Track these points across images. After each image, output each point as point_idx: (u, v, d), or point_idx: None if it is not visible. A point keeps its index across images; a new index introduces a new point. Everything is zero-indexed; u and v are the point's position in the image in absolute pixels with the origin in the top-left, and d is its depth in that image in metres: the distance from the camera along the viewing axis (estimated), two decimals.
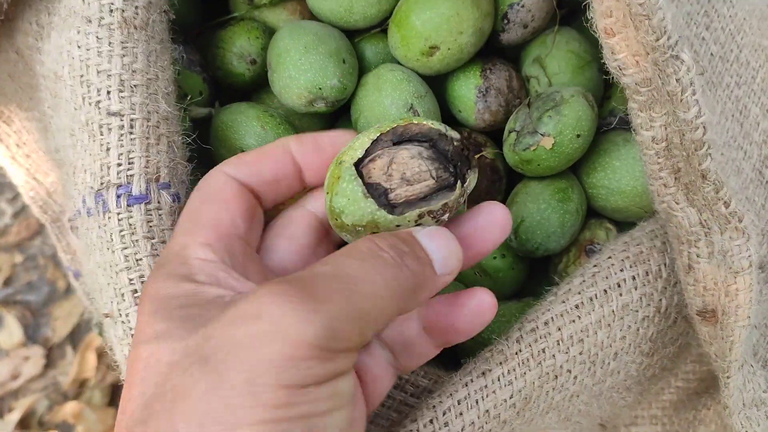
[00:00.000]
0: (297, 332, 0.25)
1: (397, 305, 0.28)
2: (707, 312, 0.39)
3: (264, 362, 0.25)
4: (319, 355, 0.25)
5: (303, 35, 0.45)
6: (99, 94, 0.38)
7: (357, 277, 0.27)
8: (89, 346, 1.07)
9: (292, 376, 0.25)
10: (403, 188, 0.31)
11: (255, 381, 0.24)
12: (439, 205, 0.31)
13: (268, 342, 0.25)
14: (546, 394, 0.38)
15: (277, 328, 0.25)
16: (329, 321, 0.25)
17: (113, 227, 0.36)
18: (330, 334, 0.25)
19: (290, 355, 0.25)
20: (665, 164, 0.37)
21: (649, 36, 0.33)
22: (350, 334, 0.26)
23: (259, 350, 0.25)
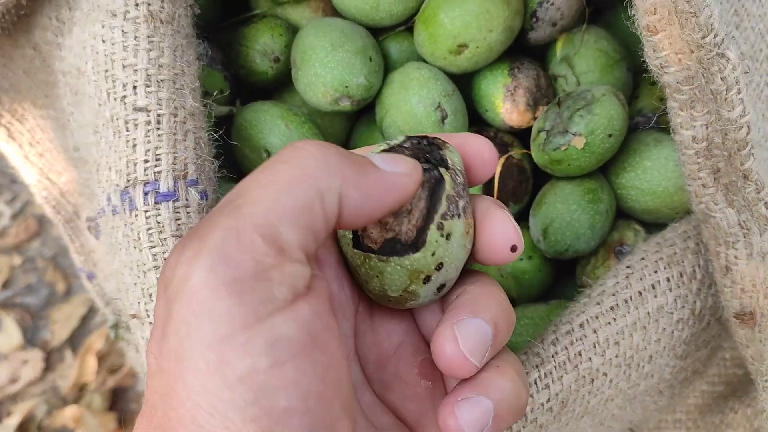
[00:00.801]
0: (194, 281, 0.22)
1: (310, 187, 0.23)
2: (745, 314, 0.38)
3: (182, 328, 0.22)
4: (227, 292, 0.22)
5: (329, 32, 0.44)
6: (125, 89, 0.37)
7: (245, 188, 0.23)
8: (89, 349, 1.06)
9: (213, 329, 0.21)
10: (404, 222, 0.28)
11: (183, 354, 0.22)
12: (444, 206, 0.28)
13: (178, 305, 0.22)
14: (582, 398, 0.37)
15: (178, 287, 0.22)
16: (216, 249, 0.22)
17: (141, 225, 0.35)
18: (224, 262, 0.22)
19: (199, 307, 0.21)
20: (705, 164, 0.37)
21: (696, 33, 0.32)
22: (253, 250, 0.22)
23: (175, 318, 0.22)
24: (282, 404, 0.22)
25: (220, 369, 0.21)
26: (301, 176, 0.24)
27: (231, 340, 0.21)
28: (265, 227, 0.22)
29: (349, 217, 0.25)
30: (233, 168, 0.44)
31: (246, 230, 0.22)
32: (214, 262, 0.22)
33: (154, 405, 0.23)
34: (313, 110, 0.48)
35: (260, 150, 0.44)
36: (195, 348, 0.21)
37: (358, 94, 0.44)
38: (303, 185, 0.23)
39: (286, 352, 0.22)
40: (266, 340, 0.22)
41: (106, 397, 1.04)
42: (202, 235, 0.22)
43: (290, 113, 0.45)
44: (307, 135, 0.45)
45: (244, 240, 0.22)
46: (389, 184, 0.26)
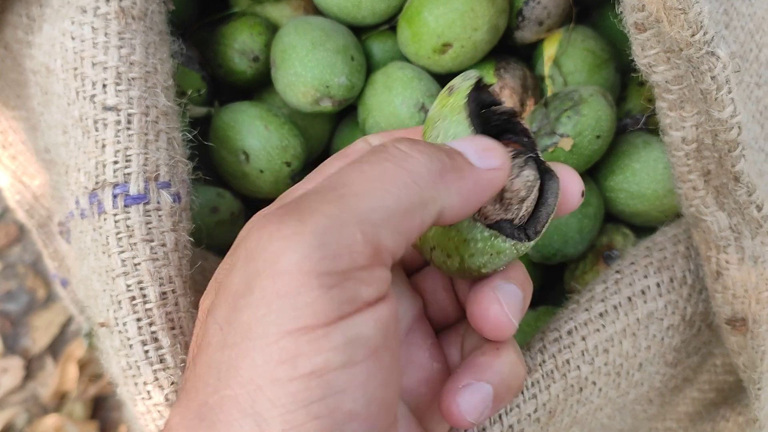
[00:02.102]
0: (286, 261, 0.21)
1: (415, 194, 0.23)
2: (737, 320, 0.37)
3: (261, 307, 0.21)
4: (318, 283, 0.21)
5: (309, 31, 0.43)
6: (94, 88, 0.35)
7: (349, 179, 0.23)
8: (70, 357, 1.05)
9: (294, 317, 0.21)
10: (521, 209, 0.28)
11: (255, 332, 0.21)
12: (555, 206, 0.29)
13: (261, 282, 0.21)
14: (570, 408, 0.36)
15: (265, 264, 0.21)
16: (317, 235, 0.21)
17: (109, 229, 0.33)
18: (322, 251, 0.21)
19: (284, 290, 0.21)
20: (695, 166, 0.36)
21: (685, 31, 0.31)
22: (351, 246, 0.21)
23: (254, 294, 0.21)
24: (348, 406, 0.21)
25: (293, 359, 0.20)
26: (410, 182, 0.23)
27: (310, 332, 0.21)
28: (368, 226, 0.22)
29: (448, 220, 0.25)
30: (209, 170, 0.43)
31: (349, 224, 0.22)
32: (313, 249, 0.21)
33: (205, 380, 0.22)
34: (293, 111, 0.46)
35: (238, 152, 0.43)
36: (271, 331, 0.21)
37: (340, 95, 0.43)
38: (410, 192, 0.23)
39: (361, 353, 0.21)
40: (344, 337, 0.21)
41: (87, 405, 1.03)
42: (302, 215, 0.22)
43: (270, 114, 0.44)
44: (287, 136, 0.43)
45: (346, 234, 0.21)
46: (486, 182, 0.26)
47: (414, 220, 0.23)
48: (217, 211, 0.44)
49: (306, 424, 0.21)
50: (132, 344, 0.32)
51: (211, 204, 0.43)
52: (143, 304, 0.32)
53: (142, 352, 0.32)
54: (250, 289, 0.21)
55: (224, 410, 0.21)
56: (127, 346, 0.32)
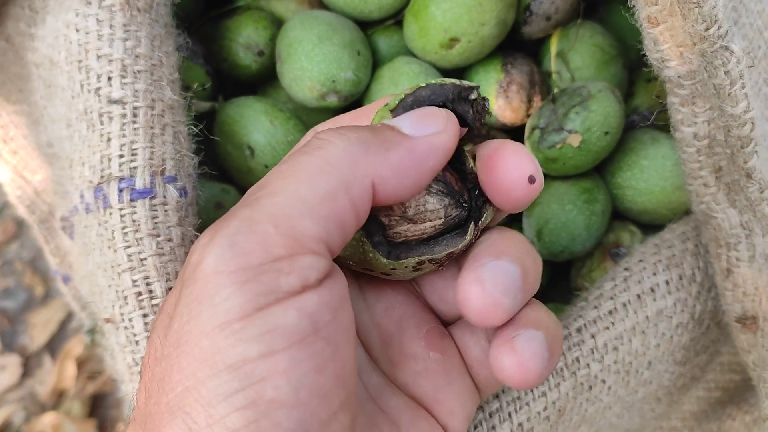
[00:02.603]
0: (202, 267, 0.22)
1: (334, 177, 0.23)
2: (747, 319, 0.37)
3: (186, 314, 0.22)
4: (230, 280, 0.21)
5: (316, 25, 0.42)
6: (99, 81, 0.35)
7: (267, 180, 0.23)
8: (68, 354, 1.05)
9: (211, 316, 0.21)
10: (404, 227, 0.27)
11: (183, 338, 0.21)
12: (443, 254, 0.27)
13: (187, 291, 0.22)
14: (580, 406, 0.36)
15: (190, 274, 0.22)
16: (227, 237, 0.22)
17: (115, 224, 0.33)
18: (232, 251, 0.21)
19: (201, 293, 0.21)
20: (706, 162, 0.35)
21: (699, 25, 0.31)
22: (264, 241, 0.22)
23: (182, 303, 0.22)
24: (269, 394, 0.21)
25: (211, 356, 0.21)
26: (324, 167, 0.23)
27: (226, 327, 0.21)
28: (281, 218, 0.22)
29: (392, 196, 0.24)
30: (215, 165, 0.42)
31: (260, 220, 0.22)
32: (224, 249, 0.22)
33: (150, 393, 0.23)
34: (298, 106, 0.46)
35: (243, 147, 0.43)
36: (194, 334, 0.21)
37: (346, 90, 0.43)
38: (325, 176, 0.23)
39: (282, 342, 0.21)
40: (261, 328, 0.21)
41: (85, 403, 1.02)
42: (219, 224, 0.23)
43: (275, 109, 0.43)
44: (292, 131, 0.43)
45: (256, 230, 0.22)
46: (424, 148, 0.24)
47: (338, 201, 0.23)
48: (222, 206, 0.43)
49: (229, 416, 0.21)
50: (138, 340, 0.31)
51: (215, 199, 0.43)
52: (150, 300, 0.32)
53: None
54: (178, 300, 0.22)
55: (159, 415, 0.22)
56: (134, 342, 0.31)
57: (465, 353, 0.29)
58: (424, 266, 0.27)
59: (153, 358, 0.23)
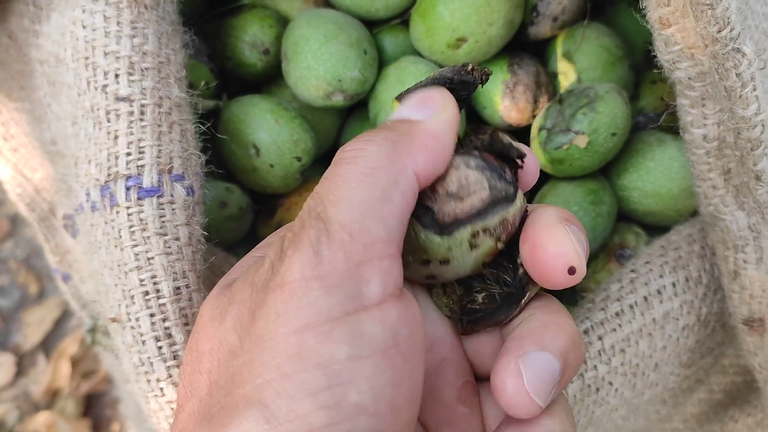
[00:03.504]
0: (290, 276, 0.22)
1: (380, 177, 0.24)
2: (754, 321, 0.37)
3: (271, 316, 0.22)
4: (317, 285, 0.22)
5: (322, 23, 0.42)
6: (106, 78, 0.34)
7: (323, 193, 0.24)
8: (63, 353, 1.04)
9: (298, 317, 0.22)
10: (450, 205, 0.27)
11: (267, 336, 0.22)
12: (495, 221, 0.27)
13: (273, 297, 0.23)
14: (587, 408, 0.36)
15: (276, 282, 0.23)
16: (310, 246, 0.23)
17: (122, 222, 0.32)
18: (316, 258, 0.22)
19: (290, 298, 0.22)
20: (715, 164, 0.35)
21: (711, 27, 0.31)
22: (343, 246, 0.23)
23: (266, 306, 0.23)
24: (354, 398, 0.21)
25: (299, 353, 0.21)
26: (368, 171, 0.24)
27: (315, 327, 0.22)
28: (351, 224, 0.23)
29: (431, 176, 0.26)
30: (220, 164, 0.42)
31: (335, 229, 0.23)
32: (308, 258, 0.22)
33: (219, 386, 0.23)
34: (303, 105, 0.46)
35: (248, 146, 0.42)
36: (280, 332, 0.22)
37: (352, 89, 0.42)
38: (374, 178, 0.24)
39: (368, 348, 0.22)
40: (350, 331, 0.22)
41: (79, 402, 1.02)
42: (297, 236, 0.23)
43: (280, 108, 0.43)
44: (297, 131, 0.42)
45: (334, 238, 0.23)
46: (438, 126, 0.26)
47: (393, 199, 0.24)
48: (226, 206, 0.43)
49: (313, 413, 0.21)
50: (145, 340, 0.31)
51: (219, 199, 0.42)
52: (157, 299, 0.31)
53: (156, 348, 0.31)
54: (264, 301, 0.23)
55: (232, 406, 0.22)
56: (140, 342, 0.31)
57: (484, 414, 0.29)
58: (480, 242, 0.27)
59: (228, 351, 0.23)
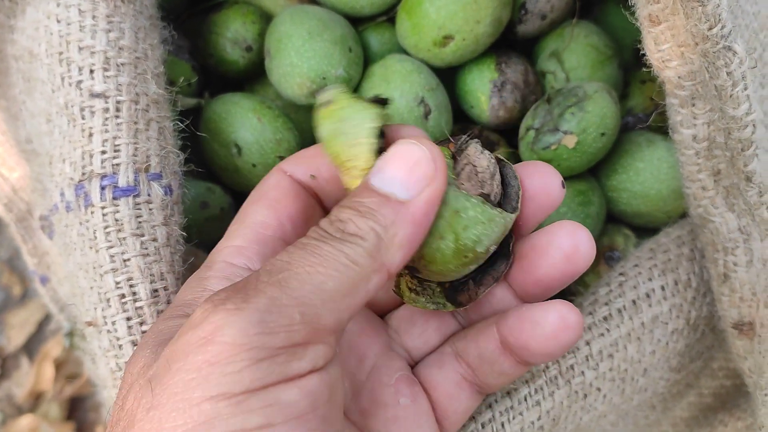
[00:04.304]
0: (222, 333, 0.22)
1: (356, 274, 0.24)
2: (744, 324, 0.36)
3: (191, 372, 0.22)
4: (248, 356, 0.22)
5: (306, 20, 0.41)
6: (81, 74, 0.33)
7: (293, 262, 0.24)
8: (46, 356, 1.03)
9: (218, 383, 0.22)
10: (494, 185, 0.28)
11: (182, 395, 0.22)
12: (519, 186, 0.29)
13: (196, 350, 0.22)
14: (574, 415, 0.35)
15: (204, 334, 0.22)
16: (257, 314, 0.22)
17: (97, 223, 0.31)
18: (260, 328, 0.22)
19: (215, 359, 0.22)
20: (705, 165, 0.35)
21: (702, 24, 0.30)
22: (291, 326, 0.23)
23: (187, 361, 0.22)
24: None
25: (210, 421, 0.21)
26: (348, 264, 0.24)
27: (231, 398, 0.22)
28: (308, 307, 0.23)
29: (394, 273, 0.26)
30: (200, 163, 0.41)
31: (290, 305, 0.23)
32: (251, 325, 0.22)
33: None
34: (287, 103, 0.45)
35: (230, 145, 0.41)
36: (195, 395, 0.22)
37: None
38: (350, 273, 0.24)
39: (281, 416, 0.22)
40: (263, 401, 0.22)
41: (63, 406, 1.01)
42: (247, 294, 0.23)
43: (263, 106, 0.42)
44: (281, 129, 0.42)
45: (285, 314, 0.23)
46: (422, 211, 0.26)
47: (357, 296, 0.24)
48: (207, 206, 0.42)
49: None
50: (122, 344, 0.30)
51: (200, 199, 0.41)
52: (133, 302, 0.30)
53: (132, 352, 0.30)
54: (186, 354, 0.22)
55: None
56: (117, 346, 0.30)
57: (434, 390, 0.31)
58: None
59: (139, 403, 0.23)
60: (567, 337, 0.28)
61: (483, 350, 0.30)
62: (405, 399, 0.30)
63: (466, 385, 0.30)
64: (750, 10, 0.41)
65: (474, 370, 0.30)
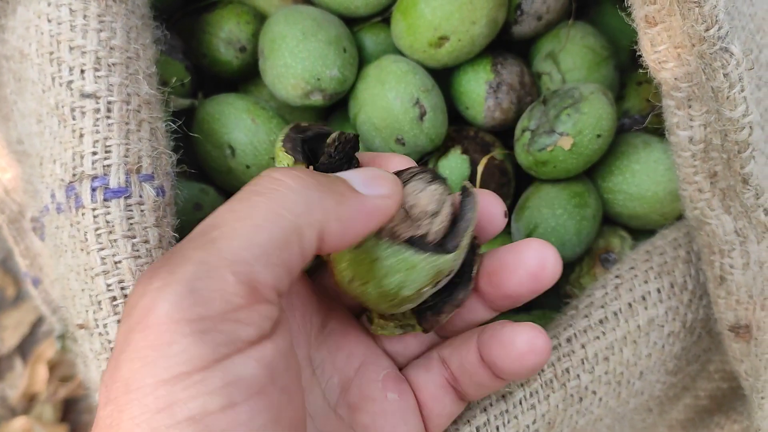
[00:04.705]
0: (156, 312, 0.21)
1: (289, 223, 0.23)
2: (740, 327, 0.36)
3: (136, 359, 0.21)
4: (189, 330, 0.20)
5: (300, 20, 0.41)
6: (71, 74, 0.33)
7: (221, 220, 0.23)
8: (40, 358, 1.02)
9: (168, 366, 0.20)
10: (433, 224, 0.28)
11: (133, 385, 0.20)
12: (473, 220, 0.28)
13: (135, 335, 0.21)
14: (570, 418, 0.35)
15: (139, 317, 0.21)
16: (186, 283, 0.21)
17: (88, 225, 0.31)
18: (192, 298, 0.21)
19: (156, 341, 0.20)
20: (701, 167, 0.35)
21: (699, 26, 0.30)
22: (225, 289, 0.21)
23: (130, 347, 0.21)
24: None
25: (169, 407, 0.20)
26: (280, 212, 0.23)
27: (185, 378, 0.20)
28: (240, 265, 0.21)
29: (330, 247, 0.24)
30: (193, 163, 0.41)
31: (219, 267, 0.21)
32: (182, 297, 0.21)
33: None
34: (281, 104, 0.44)
35: (224, 146, 0.41)
36: (147, 382, 0.20)
37: (331, 88, 0.41)
38: (282, 222, 0.22)
39: (242, 393, 0.21)
40: (222, 380, 0.21)
41: (57, 407, 1.00)
42: (172, 266, 0.21)
43: (257, 107, 0.42)
44: (274, 131, 0.41)
45: (215, 277, 0.21)
46: (371, 208, 0.25)
47: (292, 249, 0.23)
48: (201, 208, 0.41)
49: None
50: (114, 347, 0.30)
51: (194, 200, 0.41)
52: (125, 305, 0.30)
53: None
54: (127, 343, 0.21)
55: None
56: (108, 349, 0.30)
57: (420, 391, 0.31)
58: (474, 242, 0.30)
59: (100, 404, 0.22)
60: (534, 360, 0.28)
61: (464, 360, 0.30)
62: (393, 394, 0.30)
63: (450, 389, 0.31)
64: (747, 12, 0.40)
65: (456, 377, 0.31)
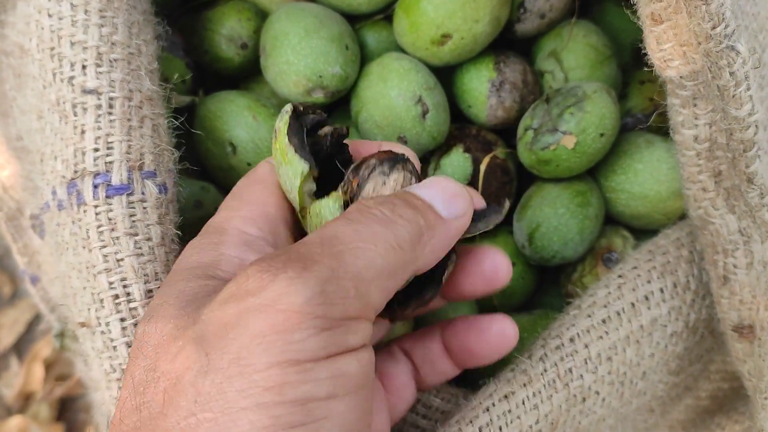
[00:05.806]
0: (287, 301, 0.22)
1: (399, 258, 0.25)
2: (744, 327, 0.36)
3: (254, 338, 0.22)
4: (313, 324, 0.22)
5: (303, 17, 0.41)
6: (73, 69, 0.33)
7: (345, 237, 0.25)
8: (36, 356, 1.02)
9: (285, 350, 0.22)
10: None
11: (244, 360, 0.22)
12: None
13: (257, 316, 0.22)
14: (573, 419, 0.35)
15: (265, 301, 0.23)
16: (319, 283, 0.23)
17: (90, 222, 0.31)
18: (322, 298, 0.23)
19: (280, 326, 0.22)
20: (706, 166, 0.34)
21: (705, 23, 0.30)
22: (347, 298, 0.23)
23: (248, 326, 0.22)
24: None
25: (280, 386, 0.22)
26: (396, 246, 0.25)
27: (298, 365, 0.22)
28: (361, 282, 0.24)
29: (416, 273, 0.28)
30: (195, 160, 0.41)
31: (344, 278, 0.23)
32: (315, 294, 0.23)
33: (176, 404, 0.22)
34: (283, 101, 0.44)
35: (224, 143, 0.41)
36: (261, 360, 0.22)
37: (333, 85, 0.41)
38: (396, 255, 0.25)
39: (344, 388, 0.23)
40: (329, 372, 0.23)
41: (53, 406, 1.00)
42: (306, 263, 0.23)
43: (258, 104, 0.41)
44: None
45: (343, 286, 0.23)
46: (454, 233, 0.28)
47: (397, 279, 0.26)
48: (201, 205, 0.41)
49: None
50: (116, 346, 0.29)
51: (194, 198, 0.41)
52: (127, 303, 0.30)
53: (127, 354, 0.29)
54: (244, 321, 0.22)
55: (193, 427, 0.22)
56: (111, 348, 0.30)
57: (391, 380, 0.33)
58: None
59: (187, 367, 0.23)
60: (506, 345, 0.32)
61: (428, 351, 0.33)
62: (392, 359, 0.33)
63: (412, 381, 0.33)
64: (750, 11, 0.40)
65: (418, 367, 0.33)
